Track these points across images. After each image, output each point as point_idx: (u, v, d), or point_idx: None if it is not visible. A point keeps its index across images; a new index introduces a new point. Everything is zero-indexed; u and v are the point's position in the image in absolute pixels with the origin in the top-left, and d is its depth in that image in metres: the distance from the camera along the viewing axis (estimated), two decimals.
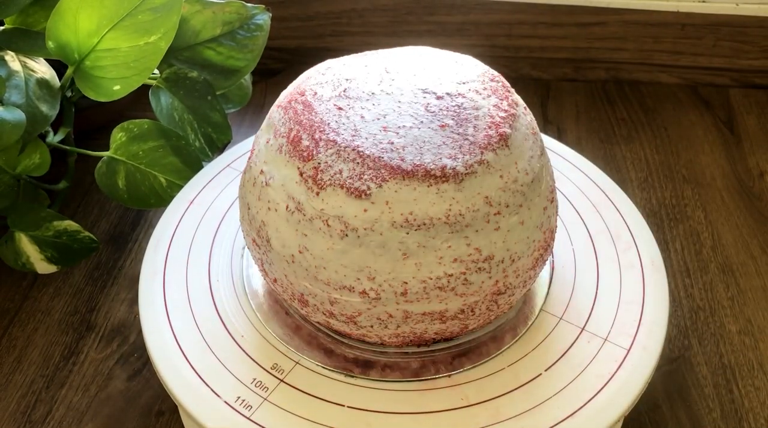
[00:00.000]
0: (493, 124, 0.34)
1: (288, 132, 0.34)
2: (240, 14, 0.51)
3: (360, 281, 0.33)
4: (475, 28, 0.68)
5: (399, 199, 0.31)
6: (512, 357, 0.37)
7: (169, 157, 0.49)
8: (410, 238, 0.32)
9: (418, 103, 0.34)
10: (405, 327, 0.35)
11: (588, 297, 0.40)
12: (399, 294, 0.33)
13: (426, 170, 0.31)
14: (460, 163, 0.32)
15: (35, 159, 0.47)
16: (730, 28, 0.66)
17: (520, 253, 0.34)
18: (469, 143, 0.33)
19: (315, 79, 0.37)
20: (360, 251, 0.32)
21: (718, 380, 0.44)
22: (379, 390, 0.36)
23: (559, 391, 0.35)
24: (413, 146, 0.32)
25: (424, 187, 0.31)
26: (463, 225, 0.32)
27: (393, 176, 0.31)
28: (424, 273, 0.33)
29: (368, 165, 0.32)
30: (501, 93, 0.36)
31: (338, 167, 0.32)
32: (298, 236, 0.34)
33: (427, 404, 0.35)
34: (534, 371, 0.36)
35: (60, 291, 0.50)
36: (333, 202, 0.32)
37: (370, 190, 0.31)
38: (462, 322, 0.35)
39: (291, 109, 0.35)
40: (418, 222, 0.32)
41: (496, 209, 0.33)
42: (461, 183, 0.32)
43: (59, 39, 0.45)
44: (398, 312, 0.34)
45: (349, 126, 0.33)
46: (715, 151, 0.62)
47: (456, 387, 0.36)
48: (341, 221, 0.32)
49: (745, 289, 0.50)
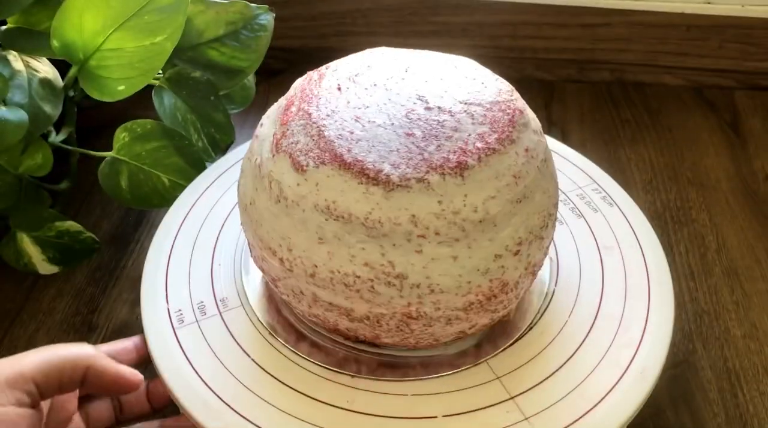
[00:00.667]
0: (460, 150, 0.32)
1: (291, 95, 0.36)
2: (243, 14, 0.51)
3: (281, 248, 0.34)
4: (479, 29, 0.68)
5: (328, 184, 0.32)
6: (429, 387, 0.36)
7: (172, 157, 0.49)
8: (328, 226, 0.32)
9: (404, 106, 0.34)
10: (317, 310, 0.35)
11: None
12: (308, 274, 0.33)
13: (362, 167, 0.31)
14: (397, 173, 0.31)
15: (38, 159, 0.47)
16: (735, 30, 0.66)
17: (443, 287, 0.32)
18: (421, 158, 0.32)
19: (351, 58, 0.38)
20: (286, 220, 0.33)
21: (722, 384, 0.44)
22: (297, 366, 0.37)
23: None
24: (367, 142, 0.32)
25: (354, 183, 0.31)
26: (380, 234, 0.31)
27: (332, 162, 0.32)
28: (334, 264, 0.32)
29: (319, 144, 0.32)
30: (499, 126, 0.33)
31: (298, 138, 0.33)
32: (252, 189, 0.35)
33: (320, 393, 0.35)
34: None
35: (62, 292, 0.50)
36: (280, 168, 0.33)
37: (308, 167, 0.32)
38: (372, 330, 0.35)
39: (309, 77, 0.37)
40: (338, 214, 0.32)
41: (421, 231, 0.31)
42: (390, 192, 0.31)
43: (64, 38, 0.45)
44: (308, 291, 0.34)
45: (331, 106, 0.34)
46: (720, 154, 0.62)
47: (354, 390, 0.36)
48: (279, 187, 0.33)
49: (750, 293, 0.49)
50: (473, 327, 0.36)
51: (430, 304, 0.33)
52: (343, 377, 0.36)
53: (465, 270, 0.32)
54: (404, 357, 0.37)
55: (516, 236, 0.33)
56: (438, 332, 0.35)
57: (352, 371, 0.37)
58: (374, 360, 0.37)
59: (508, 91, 0.36)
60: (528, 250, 0.34)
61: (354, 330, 0.35)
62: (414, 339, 0.35)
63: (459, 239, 0.32)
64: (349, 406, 0.35)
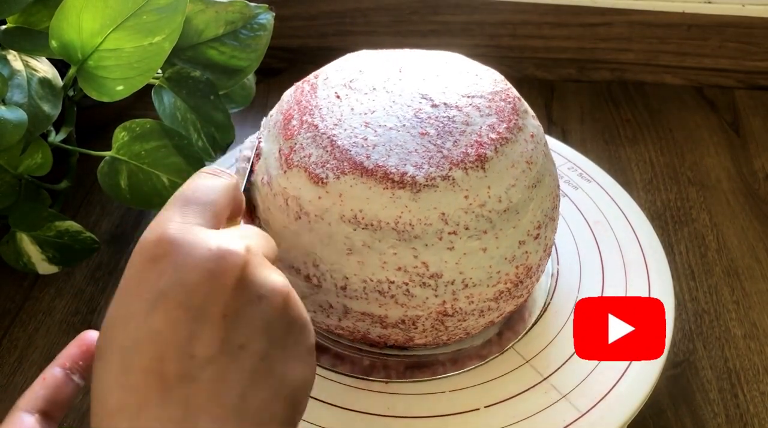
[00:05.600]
0: (476, 143, 0.32)
1: (287, 109, 0.35)
2: (243, 13, 0.51)
3: (306, 265, 0.33)
4: (480, 28, 0.68)
5: (352, 194, 0.31)
6: (463, 381, 0.36)
7: (171, 156, 0.49)
8: (356, 235, 0.32)
9: (410, 106, 0.34)
10: (347, 322, 0.35)
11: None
12: (339, 287, 0.33)
13: (385, 172, 0.31)
14: (422, 173, 0.31)
15: (37, 158, 0.47)
16: (736, 29, 0.65)
17: (476, 280, 0.33)
18: (442, 156, 0.32)
19: (337, 65, 0.37)
20: (309, 236, 0.33)
21: (723, 384, 0.44)
22: (327, 380, 0.36)
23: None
24: (384, 147, 0.32)
25: (379, 189, 0.31)
26: (411, 236, 0.31)
27: (352, 171, 0.31)
28: (365, 273, 0.32)
29: (335, 155, 0.32)
30: (505, 115, 0.34)
31: (309, 151, 0.33)
32: (264, 209, 0.35)
33: (357, 404, 0.35)
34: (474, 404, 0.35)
35: (61, 292, 0.50)
36: (295, 183, 0.33)
37: (328, 179, 0.32)
38: (405, 333, 0.35)
39: (299, 89, 0.36)
40: (366, 222, 0.31)
41: (451, 228, 0.31)
42: (418, 193, 0.31)
43: (62, 38, 0.44)
44: (338, 304, 0.34)
45: (336, 115, 0.33)
46: (720, 153, 0.61)
47: (392, 396, 0.36)
48: (298, 203, 0.33)
49: (750, 293, 0.49)
50: (501, 316, 0.36)
51: (464, 299, 0.33)
52: (375, 384, 0.36)
53: (494, 261, 0.33)
54: (431, 355, 0.37)
55: (535, 220, 0.34)
56: (471, 325, 0.35)
57: (381, 377, 0.36)
58: (401, 363, 0.37)
59: (501, 80, 0.37)
60: (545, 232, 0.35)
61: (386, 337, 0.35)
62: (447, 336, 0.35)
63: (487, 231, 0.32)
64: (390, 412, 0.35)
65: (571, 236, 0.43)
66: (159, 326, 0.23)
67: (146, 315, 0.24)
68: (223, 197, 0.28)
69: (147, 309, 0.24)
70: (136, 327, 0.24)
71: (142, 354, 0.23)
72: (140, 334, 0.23)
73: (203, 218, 0.26)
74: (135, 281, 0.24)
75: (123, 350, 0.24)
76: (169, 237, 0.25)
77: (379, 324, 0.34)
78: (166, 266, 0.24)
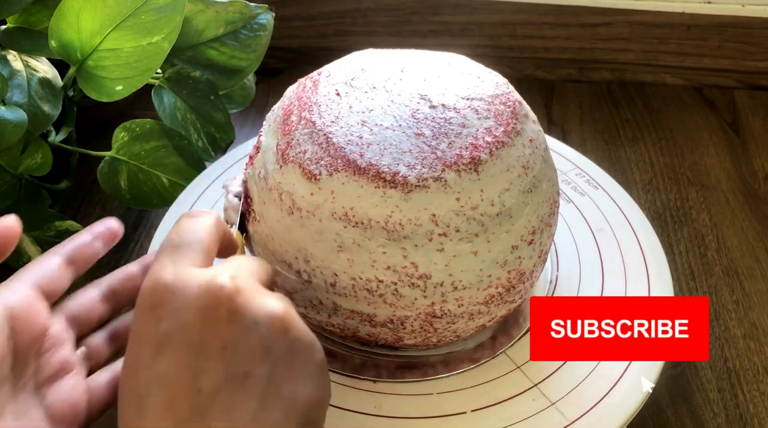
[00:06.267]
0: (471, 146, 0.32)
1: (288, 104, 0.36)
2: (243, 14, 0.51)
3: (297, 260, 0.33)
4: (479, 28, 0.68)
5: (344, 191, 0.31)
6: (453, 384, 0.36)
7: (171, 157, 0.49)
8: (347, 233, 0.32)
9: (408, 106, 0.34)
10: (337, 319, 0.35)
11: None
12: (329, 284, 0.33)
13: (377, 171, 0.31)
14: (414, 174, 0.31)
15: (37, 158, 0.47)
16: (735, 30, 0.65)
17: (466, 283, 0.33)
18: (435, 157, 0.32)
19: (341, 62, 0.37)
20: (301, 232, 0.33)
21: (722, 385, 0.44)
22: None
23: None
24: (378, 145, 0.32)
25: (371, 187, 0.31)
26: (401, 236, 0.31)
27: (345, 168, 0.31)
28: (355, 271, 0.32)
29: (329, 152, 0.32)
30: (504, 119, 0.34)
31: (305, 147, 0.33)
32: (259, 202, 0.35)
33: (345, 402, 0.35)
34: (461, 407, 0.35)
35: None
36: (289, 178, 0.33)
37: (321, 176, 0.32)
38: (394, 333, 0.35)
39: (302, 85, 0.36)
40: (357, 220, 0.31)
41: (442, 230, 0.31)
42: (409, 193, 0.31)
43: (62, 38, 0.44)
44: (328, 301, 0.34)
45: (334, 112, 0.34)
46: (720, 153, 0.61)
47: (380, 395, 0.36)
48: (291, 198, 0.33)
49: (750, 293, 0.49)
50: (492, 320, 0.36)
51: (453, 301, 0.33)
52: (364, 383, 0.36)
53: (485, 264, 0.33)
54: (422, 356, 0.37)
55: (529, 226, 0.34)
56: (460, 328, 0.35)
57: (371, 376, 0.36)
58: (392, 363, 0.37)
59: (504, 84, 0.36)
60: (540, 238, 0.35)
61: (375, 336, 0.35)
62: (436, 338, 0.35)
63: (478, 234, 0.32)
64: (377, 411, 0.34)
65: (573, 243, 0.43)
66: (165, 368, 0.25)
67: (152, 359, 0.25)
68: (208, 235, 0.29)
69: (152, 355, 0.25)
70: (145, 373, 0.25)
71: (154, 398, 0.25)
72: (150, 380, 0.25)
73: (193, 258, 0.27)
74: (139, 329, 0.26)
75: (137, 397, 0.25)
76: (163, 284, 0.26)
77: (368, 322, 0.34)
78: (164, 311, 0.26)
